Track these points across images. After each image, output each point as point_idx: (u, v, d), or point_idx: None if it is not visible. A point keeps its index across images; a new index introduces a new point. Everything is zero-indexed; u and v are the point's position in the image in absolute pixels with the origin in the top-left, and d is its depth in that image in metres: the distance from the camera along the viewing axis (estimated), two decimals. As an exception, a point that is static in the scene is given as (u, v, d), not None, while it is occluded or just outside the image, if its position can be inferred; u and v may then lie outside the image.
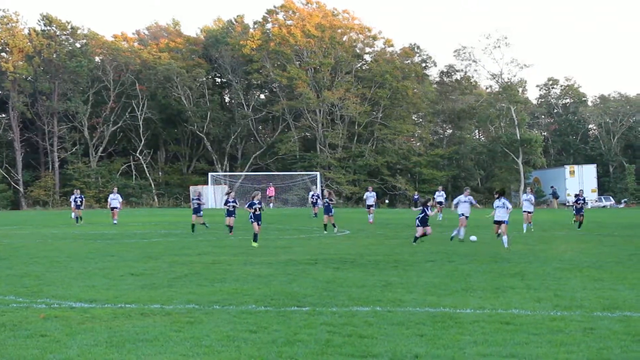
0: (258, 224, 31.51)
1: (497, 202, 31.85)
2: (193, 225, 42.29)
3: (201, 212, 43.35)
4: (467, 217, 35.07)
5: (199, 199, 43.12)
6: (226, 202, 42.11)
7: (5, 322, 14.02)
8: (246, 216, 33.90)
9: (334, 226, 42.06)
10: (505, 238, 31.18)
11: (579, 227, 43.92)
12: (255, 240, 31.17)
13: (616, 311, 15.45)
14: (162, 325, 13.80)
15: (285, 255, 28.13)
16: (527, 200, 43.84)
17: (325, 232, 41.34)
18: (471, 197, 35.75)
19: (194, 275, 21.93)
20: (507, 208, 31.63)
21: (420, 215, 32.92)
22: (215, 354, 11.29)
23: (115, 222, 51.53)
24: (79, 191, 55.26)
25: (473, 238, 33.07)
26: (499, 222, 31.65)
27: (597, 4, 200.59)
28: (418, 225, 32.55)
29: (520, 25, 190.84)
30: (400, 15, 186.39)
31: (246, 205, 33.97)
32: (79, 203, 52.02)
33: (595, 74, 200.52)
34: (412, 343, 12.08)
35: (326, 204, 43.00)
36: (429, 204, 34.27)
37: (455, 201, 36.48)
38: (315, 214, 54.32)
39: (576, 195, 47.83)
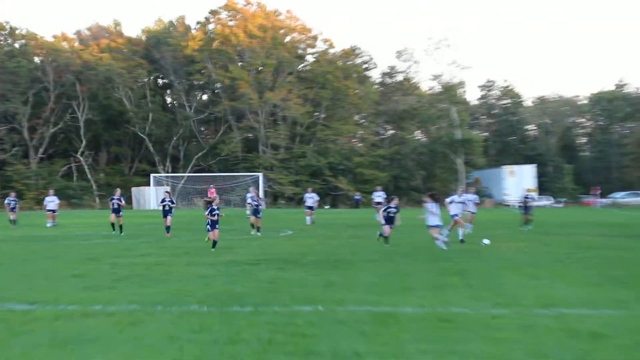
0: (215, 229, 29.67)
1: (429, 206, 30.24)
2: (118, 226, 40.98)
3: (121, 213, 41.54)
4: (460, 217, 33.40)
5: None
6: (162, 200, 41.05)
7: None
8: (187, 216, 32.69)
9: (258, 229, 40.56)
10: (440, 240, 30.19)
11: (528, 225, 43.09)
12: (214, 246, 29.34)
13: (553, 308, 15.57)
14: (104, 326, 13.68)
15: (227, 256, 27.26)
16: (471, 201, 41.77)
17: (255, 233, 39.99)
18: (469, 196, 35.21)
19: (136, 277, 21.47)
20: (437, 210, 30.04)
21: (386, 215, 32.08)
22: (158, 355, 11.32)
23: (49, 224, 50.03)
24: (13, 194, 53.91)
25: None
26: (432, 226, 30.54)
27: (536, 8, 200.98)
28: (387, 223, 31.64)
29: (460, 27, 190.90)
30: (342, 17, 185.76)
31: (206, 212, 31.99)
32: (12, 206, 50.72)
33: (535, 75, 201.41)
34: (353, 341, 12.12)
35: (254, 205, 41.65)
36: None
37: (448, 200, 34.51)
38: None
39: (525, 194, 47.39)
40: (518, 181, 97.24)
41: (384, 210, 31.32)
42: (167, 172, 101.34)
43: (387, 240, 30.98)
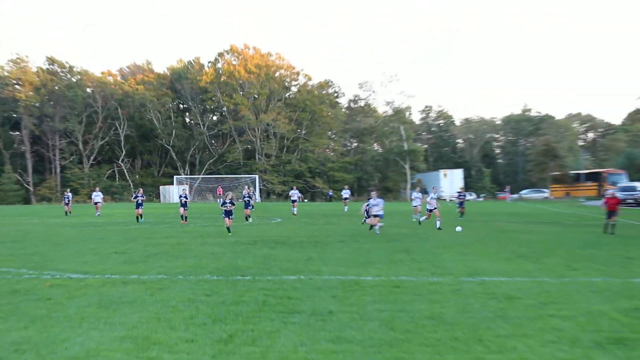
0: (230, 219, 29.03)
1: (372, 201, 29.52)
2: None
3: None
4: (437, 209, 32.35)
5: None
6: (180, 196, 40.44)
7: (19, 289, 14.46)
8: (202, 207, 32.13)
9: (247, 218, 39.40)
10: (377, 227, 29.50)
11: (461, 217, 41.94)
12: (229, 231, 28.87)
13: (476, 277, 16.11)
14: (139, 291, 14.13)
15: (232, 238, 27.36)
16: (417, 198, 41.84)
17: (246, 221, 38.63)
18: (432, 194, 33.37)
19: (163, 253, 21.69)
20: (380, 205, 29.56)
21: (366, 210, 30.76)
22: (180, 312, 11.72)
23: (97, 214, 48.73)
24: (68, 190, 52.44)
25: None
26: (375, 216, 29.88)
27: (462, 47, 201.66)
28: (370, 217, 30.17)
29: (407, 63, 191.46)
30: (319, 56, 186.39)
31: (220, 204, 31.47)
32: (66, 201, 49.48)
33: (462, 101, 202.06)
34: (327, 302, 12.64)
35: (246, 200, 40.71)
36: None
37: (428, 197, 33.75)
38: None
39: (458, 192, 46.82)
40: (450, 181, 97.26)
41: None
42: (186, 174, 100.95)
43: (373, 228, 29.52)
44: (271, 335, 10.09)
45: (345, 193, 57.22)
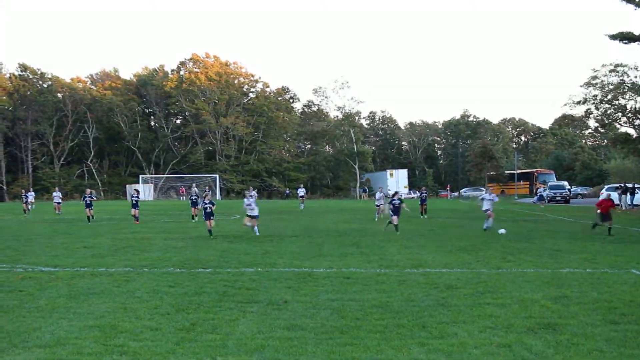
0: (210, 220, 26.35)
1: (245, 200, 29.13)
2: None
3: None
4: (491, 210, 28.87)
5: (137, 196, 37.82)
6: (132, 195, 38.98)
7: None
8: (165, 205, 31.31)
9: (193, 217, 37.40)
10: (255, 227, 27.14)
11: (423, 214, 40.64)
12: (210, 234, 25.99)
13: (420, 268, 16.26)
14: (106, 282, 14.19)
15: (194, 233, 27.84)
16: (380, 198, 39.67)
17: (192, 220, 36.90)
18: (494, 195, 30.34)
19: (129, 247, 21.75)
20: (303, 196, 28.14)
21: (392, 207, 28.14)
22: (145, 302, 11.78)
23: (58, 212, 46.11)
24: (89, 191, 44.15)
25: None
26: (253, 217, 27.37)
27: (407, 57, 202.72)
28: (392, 215, 27.85)
29: (356, 71, 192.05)
30: (275, 63, 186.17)
31: (199, 206, 30.94)
32: (88, 202, 40.65)
33: (407, 106, 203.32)
34: (283, 292, 12.73)
35: (193, 199, 38.56)
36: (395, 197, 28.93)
37: (480, 197, 31.23)
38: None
39: (419, 191, 46.01)
40: (396, 181, 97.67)
41: (390, 203, 28.67)
42: (151, 174, 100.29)
43: (397, 227, 27.58)
44: (230, 324, 10.10)
45: (301, 191, 57.43)
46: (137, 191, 39.82)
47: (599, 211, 27.55)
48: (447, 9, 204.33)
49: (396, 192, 30.18)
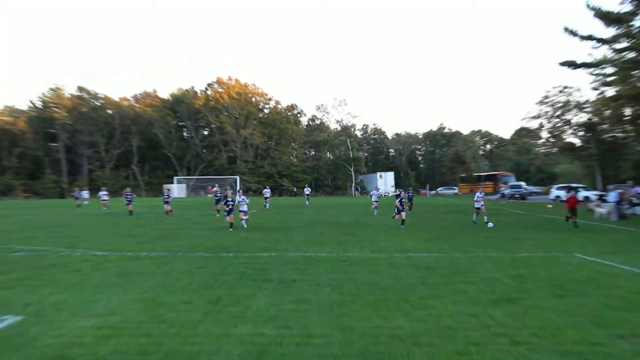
0: (231, 215, 25.47)
1: (307, 189, 27.31)
2: (166, 211, 35.51)
3: (169, 202, 36.51)
4: (483, 206, 27.97)
5: (168, 195, 37.28)
6: (163, 196, 37.35)
7: (57, 263, 14.53)
8: (196, 201, 30.79)
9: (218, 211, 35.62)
10: (244, 221, 27.44)
11: (410, 209, 38.33)
12: (231, 227, 25.06)
13: (404, 253, 16.23)
14: (148, 264, 14.28)
15: (219, 224, 27.50)
16: (376, 194, 38.75)
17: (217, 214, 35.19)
18: (483, 194, 28.47)
19: (166, 236, 21.60)
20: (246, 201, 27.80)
21: (399, 204, 26.90)
22: (179, 280, 11.86)
23: (105, 209, 43.97)
24: (128, 189, 43.47)
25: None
26: (243, 211, 26.43)
27: (389, 73, 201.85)
28: (401, 210, 26.53)
29: (352, 90, 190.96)
30: (285, 84, 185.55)
31: (222, 203, 30.01)
32: (129, 199, 40.07)
33: (395, 119, 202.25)
34: (292, 273, 12.72)
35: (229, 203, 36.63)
36: (401, 195, 28.12)
37: (474, 197, 29.24)
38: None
39: (408, 190, 45.81)
40: (384, 181, 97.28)
41: (399, 202, 27.22)
42: (184, 176, 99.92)
43: (404, 222, 26.24)
44: (249, 298, 10.15)
45: (307, 190, 57.17)
46: (168, 190, 39.51)
47: (567, 207, 27.14)
48: (430, 41, 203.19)
49: (401, 192, 29.79)
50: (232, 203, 26.38)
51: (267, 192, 49.46)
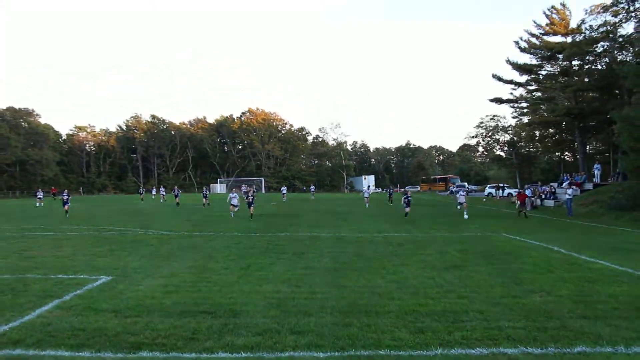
0: (251, 207, 24.25)
1: (312, 187, 27.66)
2: (203, 204, 34.63)
3: (207, 197, 35.42)
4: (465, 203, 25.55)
5: (205, 192, 36.57)
6: (203, 194, 36.10)
7: (136, 239, 14.47)
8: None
9: (252, 216, 34.94)
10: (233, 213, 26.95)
11: (391, 204, 36.53)
12: (251, 217, 23.34)
13: (382, 233, 16.09)
14: (200, 241, 14.16)
15: (248, 214, 28.47)
16: (366, 191, 36.32)
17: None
18: (465, 189, 24.46)
19: (212, 221, 21.31)
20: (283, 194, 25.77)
21: (406, 200, 24.78)
22: (221, 252, 11.77)
23: (163, 201, 44.10)
24: (176, 187, 42.76)
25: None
26: (233, 205, 25.67)
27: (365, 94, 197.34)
28: (406, 207, 24.35)
29: (345, 114, 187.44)
30: (298, 111, 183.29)
31: (245, 197, 28.03)
32: (176, 193, 38.90)
33: (377, 134, 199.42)
34: (302, 248, 12.51)
35: (250, 198, 33.62)
36: (408, 193, 26.39)
37: (458, 194, 27.64)
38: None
39: (387, 188, 45.08)
40: (368, 182, 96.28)
41: (405, 198, 24.88)
42: (225, 178, 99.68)
43: (407, 214, 24.01)
44: (271, 265, 10.10)
45: (312, 188, 57.17)
46: (205, 188, 39.87)
47: (518, 201, 25.85)
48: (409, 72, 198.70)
49: (407, 191, 28.28)
50: (252, 197, 25.38)
51: (284, 189, 49.58)
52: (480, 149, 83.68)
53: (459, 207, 26.99)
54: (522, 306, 6.86)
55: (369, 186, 45.81)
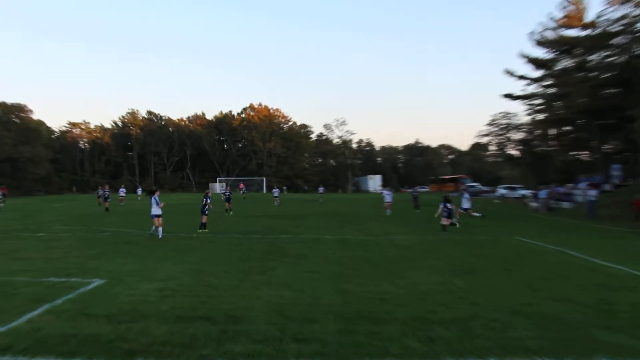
0: (229, 203, 25.72)
1: (321, 188, 27.04)
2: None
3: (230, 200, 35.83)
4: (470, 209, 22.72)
5: (224, 191, 35.63)
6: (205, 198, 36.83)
7: (131, 241, 14.63)
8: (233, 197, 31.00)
9: (228, 211, 28.37)
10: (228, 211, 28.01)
11: (418, 210, 31.68)
12: (226, 211, 25.57)
13: (389, 235, 16.13)
14: (197, 243, 14.20)
15: (249, 213, 27.47)
16: (388, 194, 30.50)
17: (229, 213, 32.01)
18: (468, 195, 22.78)
19: (211, 222, 20.45)
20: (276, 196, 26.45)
21: (446, 211, 19.40)
22: (220, 255, 11.80)
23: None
24: (210, 191, 43.58)
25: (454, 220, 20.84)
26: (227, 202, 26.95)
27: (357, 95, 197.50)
28: (445, 217, 19.29)
29: (349, 110, 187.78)
30: (302, 108, 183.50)
31: (222, 194, 28.68)
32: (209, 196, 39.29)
33: (383, 132, 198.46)
34: (304, 250, 12.64)
35: (226, 195, 29.58)
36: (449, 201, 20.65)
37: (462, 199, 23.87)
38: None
39: (382, 188, 44.52)
40: (374, 182, 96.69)
41: (444, 206, 24.36)
42: (224, 177, 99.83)
43: (444, 228, 23.66)
44: (272, 269, 10.07)
45: (321, 189, 53.74)
46: (208, 192, 39.36)
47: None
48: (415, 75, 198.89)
49: (447, 196, 25.31)
50: (229, 194, 27.47)
51: (276, 191, 42.70)
52: (492, 147, 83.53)
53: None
54: (537, 314, 6.79)
55: (387, 187, 44.27)
